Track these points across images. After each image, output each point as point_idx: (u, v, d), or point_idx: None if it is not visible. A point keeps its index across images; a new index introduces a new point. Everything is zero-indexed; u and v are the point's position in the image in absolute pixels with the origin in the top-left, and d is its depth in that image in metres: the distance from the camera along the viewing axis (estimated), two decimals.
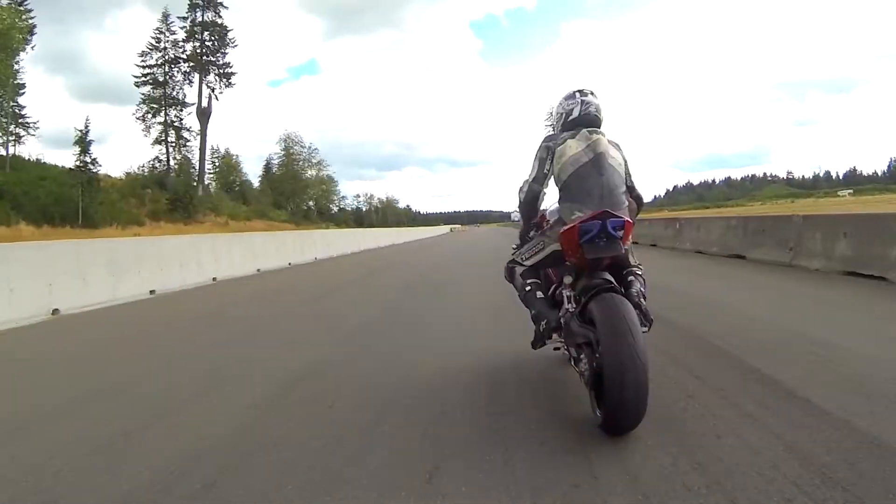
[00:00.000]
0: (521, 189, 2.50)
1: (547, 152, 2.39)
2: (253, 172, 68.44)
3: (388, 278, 9.76)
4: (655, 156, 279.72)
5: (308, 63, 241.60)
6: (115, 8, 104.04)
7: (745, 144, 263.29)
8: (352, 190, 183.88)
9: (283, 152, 68.21)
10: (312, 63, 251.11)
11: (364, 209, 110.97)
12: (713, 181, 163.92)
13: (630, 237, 2.24)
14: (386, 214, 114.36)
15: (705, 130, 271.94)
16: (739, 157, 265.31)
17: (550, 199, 2.55)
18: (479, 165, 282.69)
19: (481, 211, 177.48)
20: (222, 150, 65.34)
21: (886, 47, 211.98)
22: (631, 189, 2.45)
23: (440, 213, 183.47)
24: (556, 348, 2.59)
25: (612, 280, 2.20)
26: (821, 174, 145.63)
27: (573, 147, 2.32)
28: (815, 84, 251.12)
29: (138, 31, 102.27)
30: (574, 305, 2.20)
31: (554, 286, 2.54)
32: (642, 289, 2.28)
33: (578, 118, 2.43)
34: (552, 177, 2.39)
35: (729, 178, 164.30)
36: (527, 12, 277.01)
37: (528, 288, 2.52)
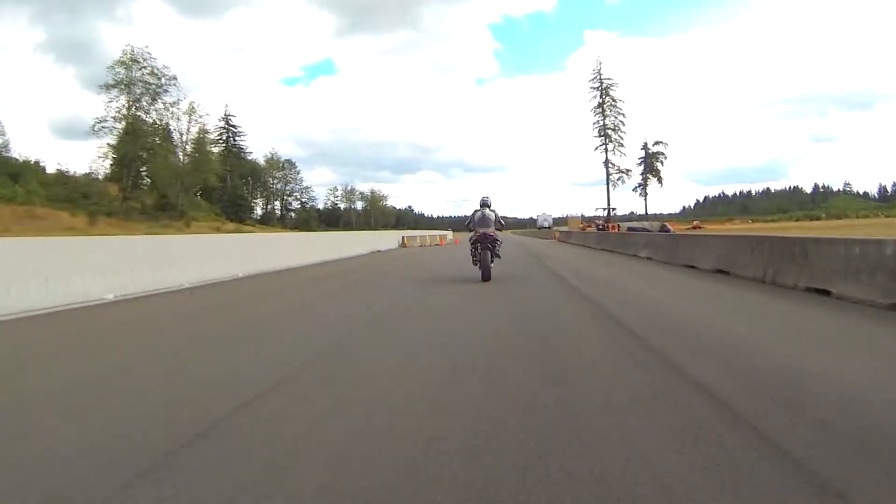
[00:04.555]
0: (465, 223, 10.21)
1: (473, 215, 9.85)
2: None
3: None
4: (675, 170, 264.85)
5: (324, 62, 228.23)
6: None
7: (759, 158, 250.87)
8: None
9: (114, 82, 42.81)
10: (329, 63, 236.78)
11: (342, 207, 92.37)
12: (749, 192, 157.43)
13: (492, 233, 9.51)
14: (370, 215, 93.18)
15: (721, 145, 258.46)
16: (755, 171, 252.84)
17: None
18: (493, 172, 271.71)
19: None
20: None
21: None
22: (496, 222, 9.74)
23: (452, 217, 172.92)
24: (475, 265, 9.88)
25: (489, 245, 9.46)
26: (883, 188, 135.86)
27: (480, 213, 9.74)
28: (833, 99, 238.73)
29: (150, 21, 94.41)
30: (479, 253, 9.63)
31: (479, 250, 9.67)
32: (497, 247, 9.60)
33: (481, 204, 9.88)
34: (475, 220, 9.80)
35: (769, 189, 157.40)
36: (546, 17, 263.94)
37: (470, 251, 9.95)
